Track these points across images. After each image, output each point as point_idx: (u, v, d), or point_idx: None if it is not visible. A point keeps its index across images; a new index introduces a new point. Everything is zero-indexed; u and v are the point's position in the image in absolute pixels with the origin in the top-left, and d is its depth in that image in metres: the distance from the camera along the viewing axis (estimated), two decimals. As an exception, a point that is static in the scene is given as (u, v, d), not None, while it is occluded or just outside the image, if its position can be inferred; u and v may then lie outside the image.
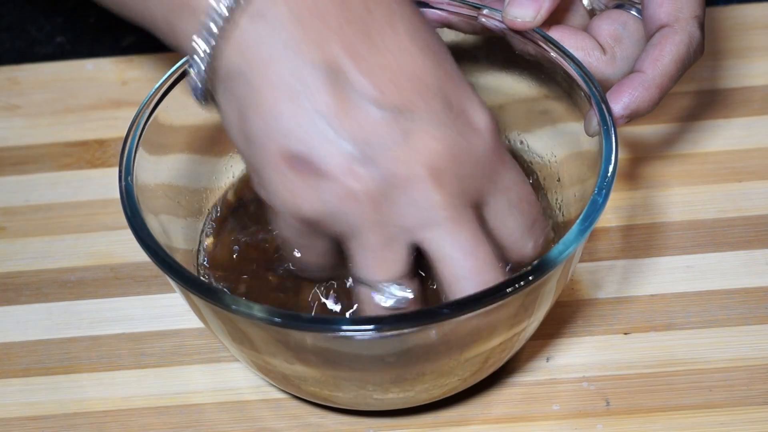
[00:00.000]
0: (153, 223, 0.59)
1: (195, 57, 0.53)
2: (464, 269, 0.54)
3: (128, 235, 0.58)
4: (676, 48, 0.63)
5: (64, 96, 0.84)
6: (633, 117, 0.62)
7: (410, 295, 0.55)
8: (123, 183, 0.59)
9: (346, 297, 0.61)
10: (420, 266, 0.57)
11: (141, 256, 0.62)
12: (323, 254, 0.58)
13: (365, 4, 0.53)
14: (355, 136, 0.52)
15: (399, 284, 0.55)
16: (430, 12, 0.67)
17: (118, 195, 0.59)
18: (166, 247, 0.58)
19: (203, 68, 0.53)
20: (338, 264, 0.59)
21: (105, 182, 0.78)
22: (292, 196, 0.53)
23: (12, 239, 0.76)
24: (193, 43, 0.53)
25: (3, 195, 0.78)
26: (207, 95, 0.55)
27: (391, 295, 0.55)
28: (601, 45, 0.65)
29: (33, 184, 0.79)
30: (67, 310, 0.72)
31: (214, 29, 0.52)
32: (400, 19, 0.54)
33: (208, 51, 0.53)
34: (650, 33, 0.64)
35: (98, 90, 0.84)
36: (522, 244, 0.58)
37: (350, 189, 0.52)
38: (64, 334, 0.70)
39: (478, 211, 0.55)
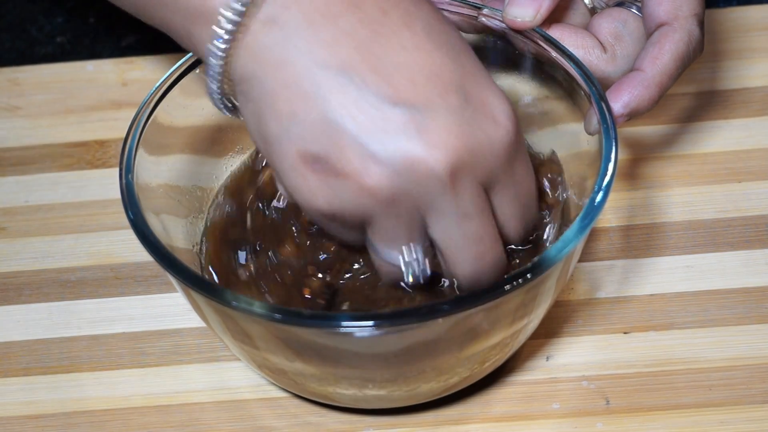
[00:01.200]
0: (154, 223, 0.59)
1: (210, 63, 0.53)
2: (468, 260, 0.56)
3: (128, 235, 0.58)
4: (676, 46, 0.63)
5: (65, 97, 0.84)
6: (633, 115, 0.62)
7: (427, 271, 0.57)
8: (123, 180, 0.59)
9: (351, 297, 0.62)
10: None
11: (141, 256, 0.62)
12: (355, 235, 0.58)
13: (380, 6, 0.53)
14: (369, 134, 0.52)
15: (417, 262, 0.57)
16: None
17: (118, 195, 0.59)
18: (167, 246, 0.58)
19: (218, 73, 0.54)
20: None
21: (105, 183, 0.78)
22: (310, 194, 0.54)
23: (12, 239, 0.76)
24: (207, 49, 0.53)
25: (3, 195, 0.78)
26: (225, 100, 0.56)
27: (411, 270, 0.57)
28: (601, 43, 0.65)
29: (33, 184, 0.79)
30: (67, 310, 0.72)
31: (226, 35, 0.53)
32: (416, 19, 0.54)
33: (221, 56, 0.53)
34: (650, 31, 0.64)
35: (99, 91, 0.84)
36: (511, 231, 0.58)
37: (366, 186, 0.53)
38: (64, 333, 0.70)
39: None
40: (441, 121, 0.52)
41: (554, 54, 0.63)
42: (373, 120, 0.52)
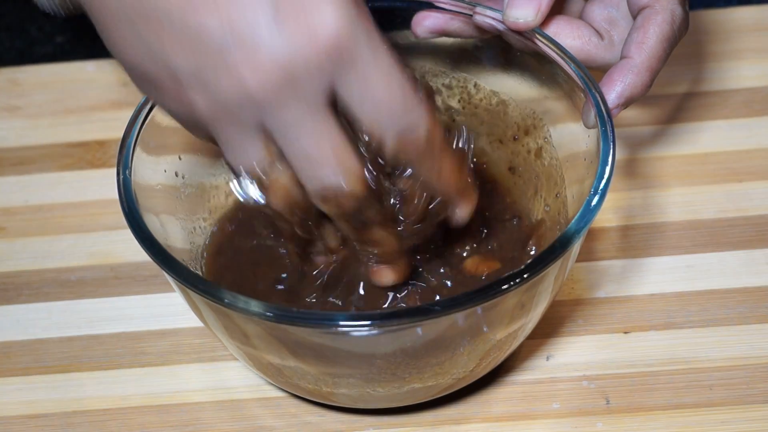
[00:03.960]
0: (153, 222, 0.59)
1: None
2: (310, 175, 0.54)
3: (128, 235, 0.58)
4: (660, 28, 0.62)
5: (65, 97, 0.84)
6: (628, 103, 0.62)
7: (267, 178, 0.55)
8: (121, 176, 0.59)
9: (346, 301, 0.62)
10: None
11: (140, 256, 0.62)
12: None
13: None
14: (193, 62, 0.51)
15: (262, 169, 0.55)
16: (426, 23, 0.67)
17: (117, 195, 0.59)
18: (165, 245, 0.58)
19: None
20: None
21: (105, 183, 0.78)
22: (159, 101, 0.55)
23: (12, 239, 0.76)
24: None
25: (3, 195, 0.78)
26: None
27: (248, 177, 0.55)
28: (597, 31, 0.65)
29: (33, 184, 0.79)
30: (66, 310, 0.72)
31: None
32: None
33: None
34: (634, 15, 0.64)
35: (99, 91, 0.84)
36: (380, 133, 0.54)
37: (190, 107, 0.53)
38: (63, 333, 0.70)
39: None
40: (248, 43, 0.50)
41: (551, 53, 0.63)
42: (181, 45, 0.51)
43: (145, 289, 0.72)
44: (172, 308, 0.71)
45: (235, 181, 0.55)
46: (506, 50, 0.67)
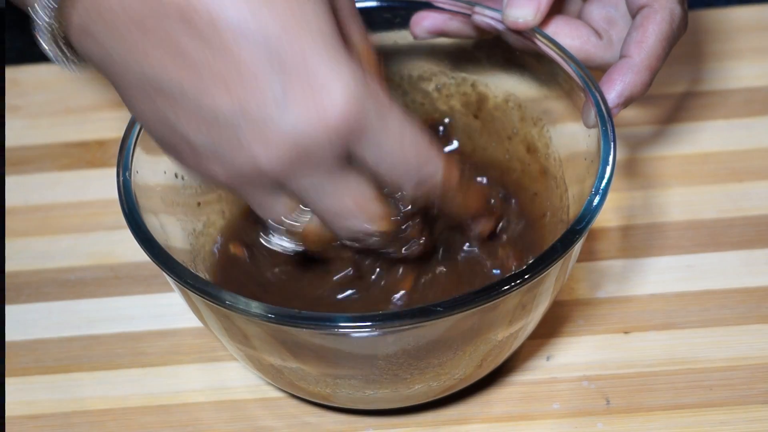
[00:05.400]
0: (152, 222, 0.59)
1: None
2: (339, 225, 0.55)
3: (128, 235, 0.58)
4: (659, 27, 0.62)
5: (65, 97, 0.84)
6: (628, 103, 0.62)
7: (298, 227, 0.56)
8: (121, 178, 0.59)
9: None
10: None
11: (140, 256, 0.62)
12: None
13: None
14: (197, 134, 0.52)
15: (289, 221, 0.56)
16: (425, 23, 0.67)
17: (117, 195, 0.59)
18: (165, 246, 0.58)
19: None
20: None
21: (105, 182, 0.78)
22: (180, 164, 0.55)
23: (12, 239, 0.76)
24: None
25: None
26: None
27: (280, 230, 0.56)
28: (596, 30, 0.65)
29: (33, 184, 0.79)
30: (66, 310, 0.72)
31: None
32: None
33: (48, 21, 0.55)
34: (633, 14, 0.64)
35: (99, 91, 0.84)
36: (399, 187, 0.55)
37: (210, 175, 0.53)
38: (63, 333, 0.70)
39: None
40: (257, 124, 0.50)
41: (551, 52, 0.63)
42: (196, 119, 0.51)
43: (145, 289, 0.72)
44: (172, 308, 0.71)
45: (264, 236, 0.57)
46: (506, 50, 0.67)
